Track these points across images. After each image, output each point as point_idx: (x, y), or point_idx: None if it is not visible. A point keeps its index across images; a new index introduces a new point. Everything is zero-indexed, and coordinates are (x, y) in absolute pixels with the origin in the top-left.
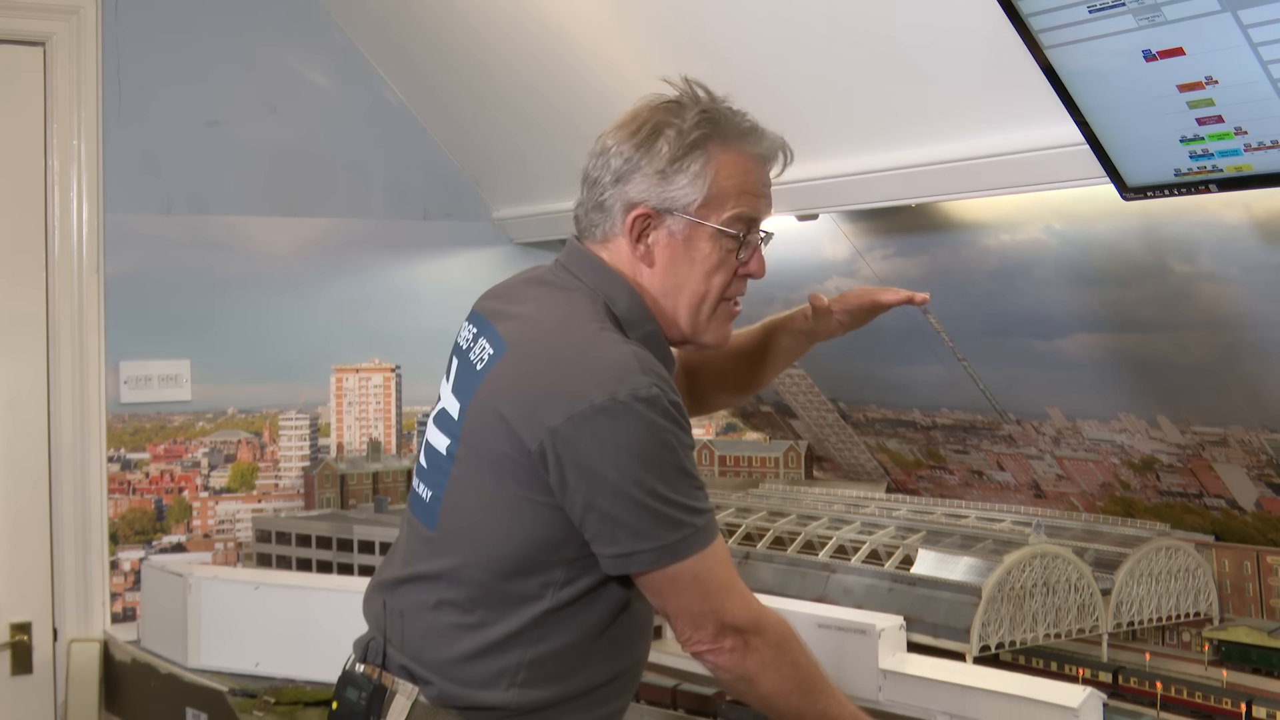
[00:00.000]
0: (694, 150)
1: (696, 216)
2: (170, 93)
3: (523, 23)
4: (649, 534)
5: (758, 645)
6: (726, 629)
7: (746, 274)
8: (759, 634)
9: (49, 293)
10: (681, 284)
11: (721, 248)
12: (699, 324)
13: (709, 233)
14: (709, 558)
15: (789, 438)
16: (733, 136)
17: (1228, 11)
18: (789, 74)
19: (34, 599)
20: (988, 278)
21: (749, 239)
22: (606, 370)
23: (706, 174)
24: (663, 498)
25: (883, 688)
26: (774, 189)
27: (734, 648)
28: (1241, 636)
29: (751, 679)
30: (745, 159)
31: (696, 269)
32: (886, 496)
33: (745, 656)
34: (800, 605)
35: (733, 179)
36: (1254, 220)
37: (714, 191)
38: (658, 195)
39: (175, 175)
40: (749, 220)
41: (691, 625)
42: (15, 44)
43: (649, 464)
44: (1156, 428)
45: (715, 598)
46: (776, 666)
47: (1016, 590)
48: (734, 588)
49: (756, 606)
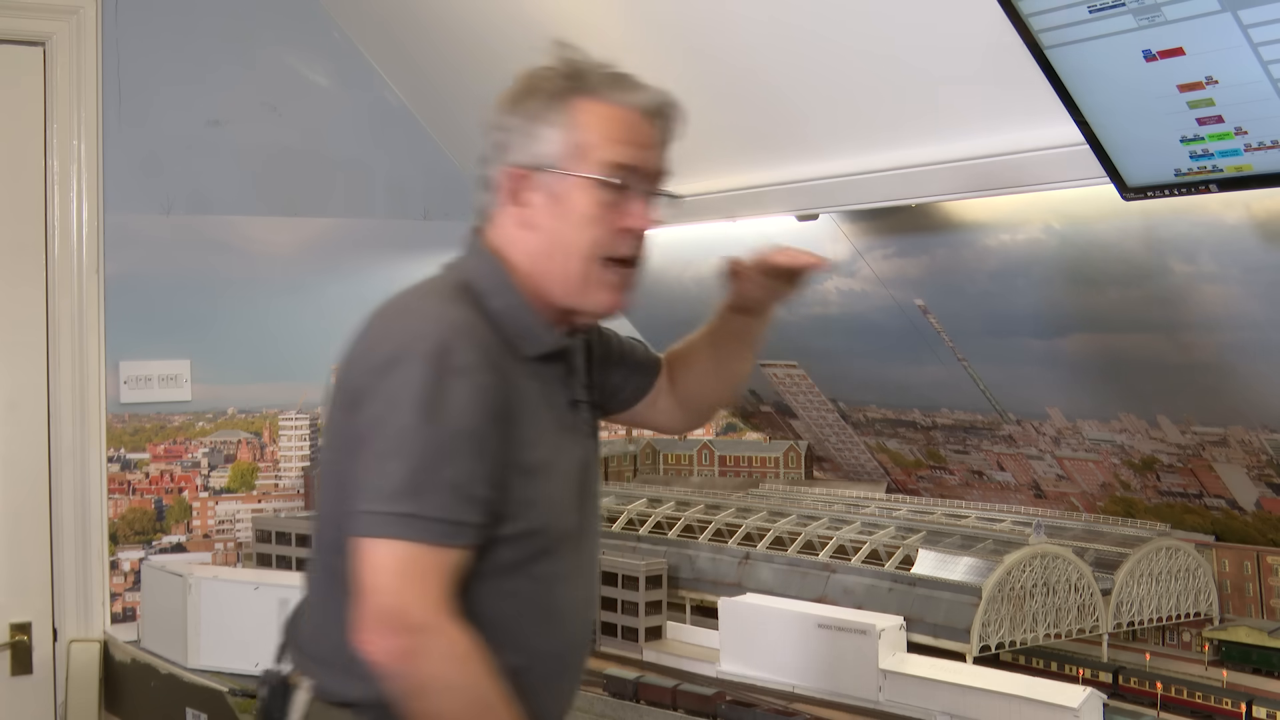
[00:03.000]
0: (556, 102)
1: (565, 169)
2: (170, 93)
3: (522, 22)
4: (390, 493)
5: (430, 651)
6: (400, 624)
7: (627, 228)
8: (438, 638)
9: (49, 293)
10: (557, 242)
11: (594, 199)
12: (579, 286)
13: (578, 184)
14: (419, 550)
15: (789, 438)
16: (601, 87)
17: (1228, 11)
18: (789, 74)
19: (34, 599)
20: (988, 278)
21: (627, 190)
22: (406, 327)
23: (571, 124)
24: (415, 462)
25: (883, 688)
26: (774, 189)
27: (404, 648)
28: (1241, 636)
29: (415, 691)
30: (614, 108)
31: (570, 224)
32: (886, 496)
33: (413, 660)
34: (800, 605)
35: (599, 127)
36: (1254, 220)
37: (580, 140)
38: (528, 153)
39: (175, 175)
40: (620, 168)
41: (369, 613)
42: (15, 44)
43: (423, 422)
44: (1156, 428)
45: (401, 591)
46: (447, 682)
47: (1016, 590)
48: (430, 585)
49: (448, 614)
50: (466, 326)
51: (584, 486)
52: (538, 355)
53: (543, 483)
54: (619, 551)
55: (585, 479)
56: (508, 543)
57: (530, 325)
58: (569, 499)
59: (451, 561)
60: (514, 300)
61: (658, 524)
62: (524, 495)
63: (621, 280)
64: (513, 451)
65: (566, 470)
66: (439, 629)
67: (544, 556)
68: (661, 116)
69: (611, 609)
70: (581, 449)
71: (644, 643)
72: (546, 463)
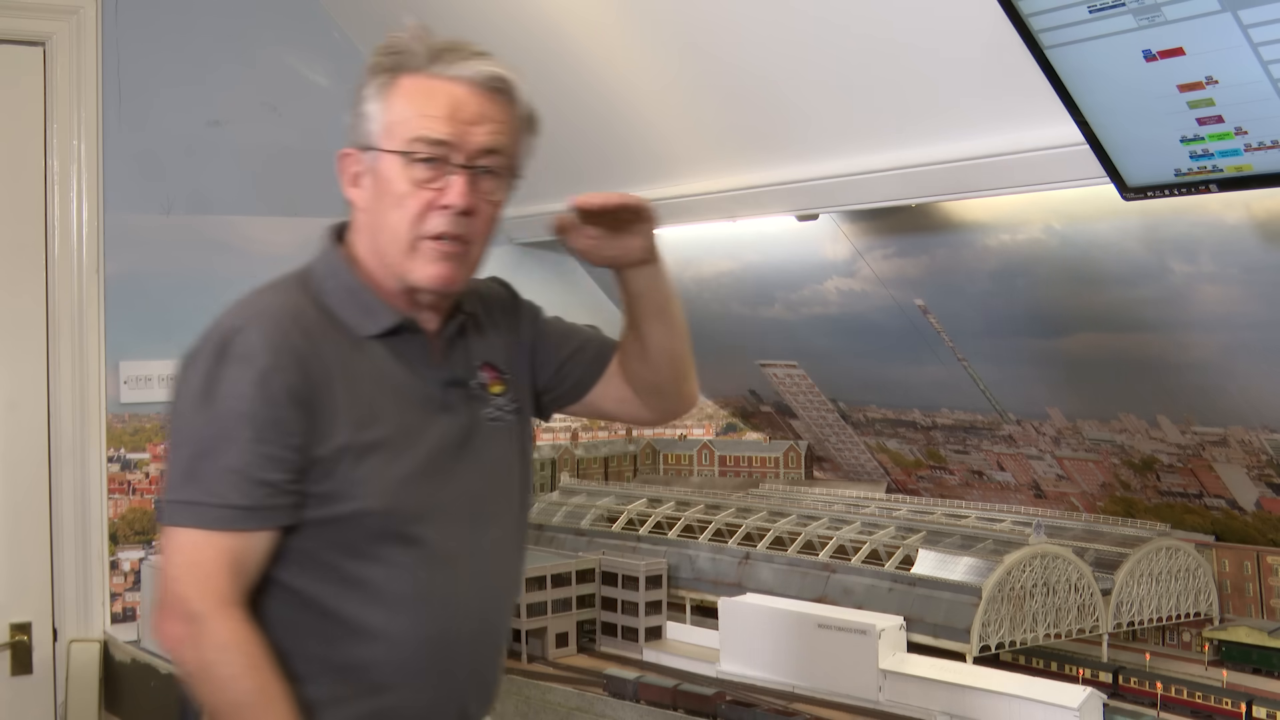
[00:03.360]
0: (373, 80)
1: (382, 145)
2: (170, 93)
3: (523, 22)
4: (172, 484)
5: (202, 640)
6: (181, 611)
7: (444, 205)
8: (210, 627)
9: (49, 293)
10: (380, 220)
11: (408, 176)
12: (401, 261)
13: (392, 160)
14: (201, 536)
15: (789, 438)
16: (421, 62)
17: (1228, 11)
18: (789, 74)
19: (34, 599)
20: (988, 278)
21: (441, 165)
22: (218, 322)
23: (385, 100)
24: (192, 449)
25: (883, 688)
26: (774, 189)
27: (181, 635)
28: (1241, 636)
29: (192, 677)
30: (432, 81)
31: (387, 201)
32: (886, 496)
33: (188, 648)
34: (800, 605)
35: (415, 101)
36: (1254, 220)
37: (393, 117)
38: (355, 134)
39: (175, 175)
40: (430, 141)
41: (160, 599)
42: (15, 44)
43: (198, 410)
44: (1156, 428)
45: (182, 579)
46: (214, 672)
47: (1016, 590)
48: (213, 573)
49: (225, 602)
50: (273, 313)
51: (458, 465)
52: (378, 334)
53: (383, 462)
54: (619, 551)
55: (462, 457)
56: (342, 524)
57: (367, 305)
58: (427, 478)
59: (240, 546)
60: (349, 282)
61: (658, 524)
62: (357, 475)
63: (444, 254)
64: (333, 433)
65: (427, 449)
66: (213, 617)
67: (395, 539)
68: (496, 91)
69: (611, 609)
70: (455, 427)
71: (644, 643)
72: (387, 440)
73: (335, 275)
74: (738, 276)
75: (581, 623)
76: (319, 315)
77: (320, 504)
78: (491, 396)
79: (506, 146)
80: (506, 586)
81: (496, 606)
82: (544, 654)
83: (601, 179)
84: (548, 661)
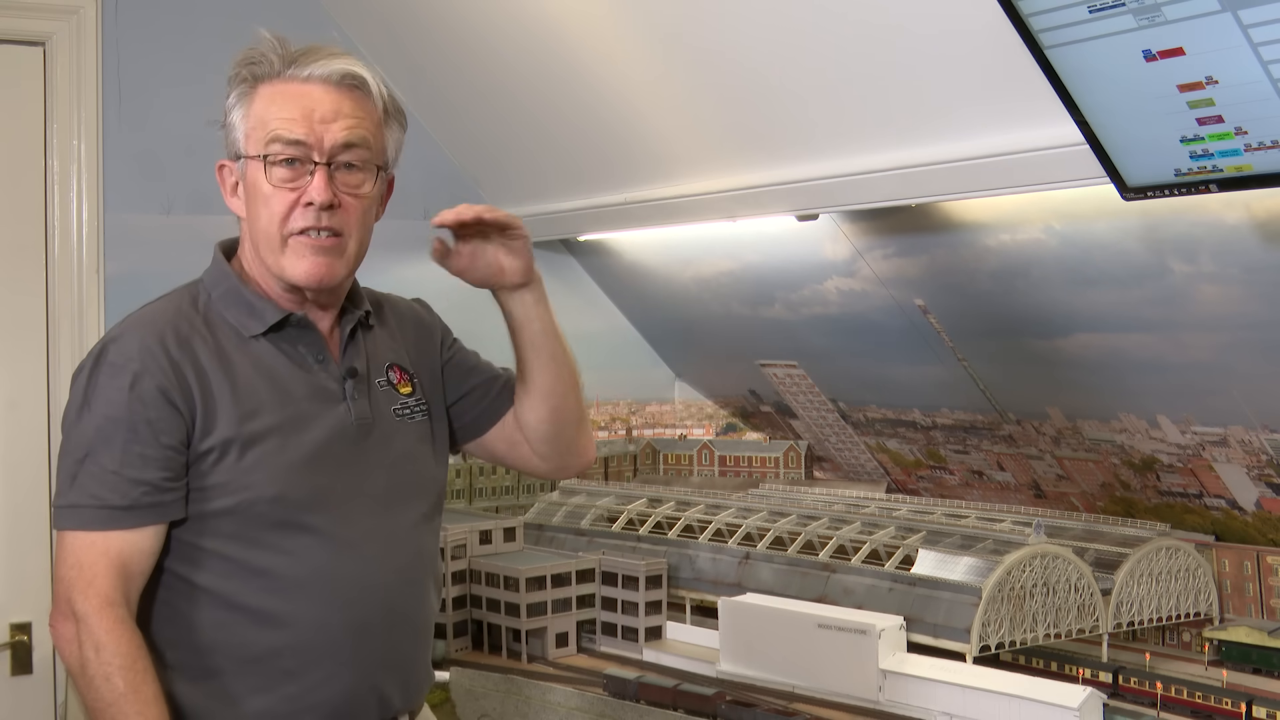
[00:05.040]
0: (233, 91)
1: (246, 152)
2: (170, 93)
3: (523, 22)
4: (59, 490)
5: (82, 639)
6: (67, 611)
7: (307, 203)
8: (88, 626)
9: (49, 293)
10: (255, 224)
11: (270, 177)
12: (276, 260)
13: (255, 165)
14: (83, 537)
15: (789, 438)
16: (277, 69)
17: (1228, 11)
18: (789, 74)
19: (34, 599)
20: (988, 278)
21: (298, 164)
22: (108, 335)
23: (244, 109)
24: (73, 455)
25: (883, 688)
26: (774, 189)
27: (65, 635)
28: (1241, 636)
29: (73, 675)
30: (286, 84)
31: (258, 204)
32: (886, 496)
33: (69, 646)
34: (800, 605)
35: (271, 106)
36: (1254, 220)
37: (253, 124)
38: (227, 146)
39: (175, 175)
40: (285, 141)
41: (54, 599)
42: (15, 44)
43: (79, 418)
44: (1156, 428)
45: (68, 579)
46: (89, 671)
47: (1016, 590)
48: (97, 572)
49: (107, 603)
50: (150, 321)
51: (358, 454)
52: (263, 332)
53: (271, 451)
54: (619, 551)
55: (365, 447)
56: (237, 514)
57: (251, 305)
58: (319, 465)
59: (122, 545)
60: (233, 286)
61: (658, 524)
62: (244, 464)
63: (315, 248)
64: (216, 427)
65: (317, 438)
66: (93, 617)
67: (291, 527)
68: (351, 88)
69: (611, 609)
70: (353, 417)
71: (644, 643)
72: (272, 430)
73: (222, 281)
74: (738, 276)
75: (581, 623)
76: (201, 319)
77: (214, 496)
78: (400, 395)
79: (366, 140)
80: (419, 574)
81: (409, 593)
82: (544, 654)
83: (602, 179)
84: (548, 661)
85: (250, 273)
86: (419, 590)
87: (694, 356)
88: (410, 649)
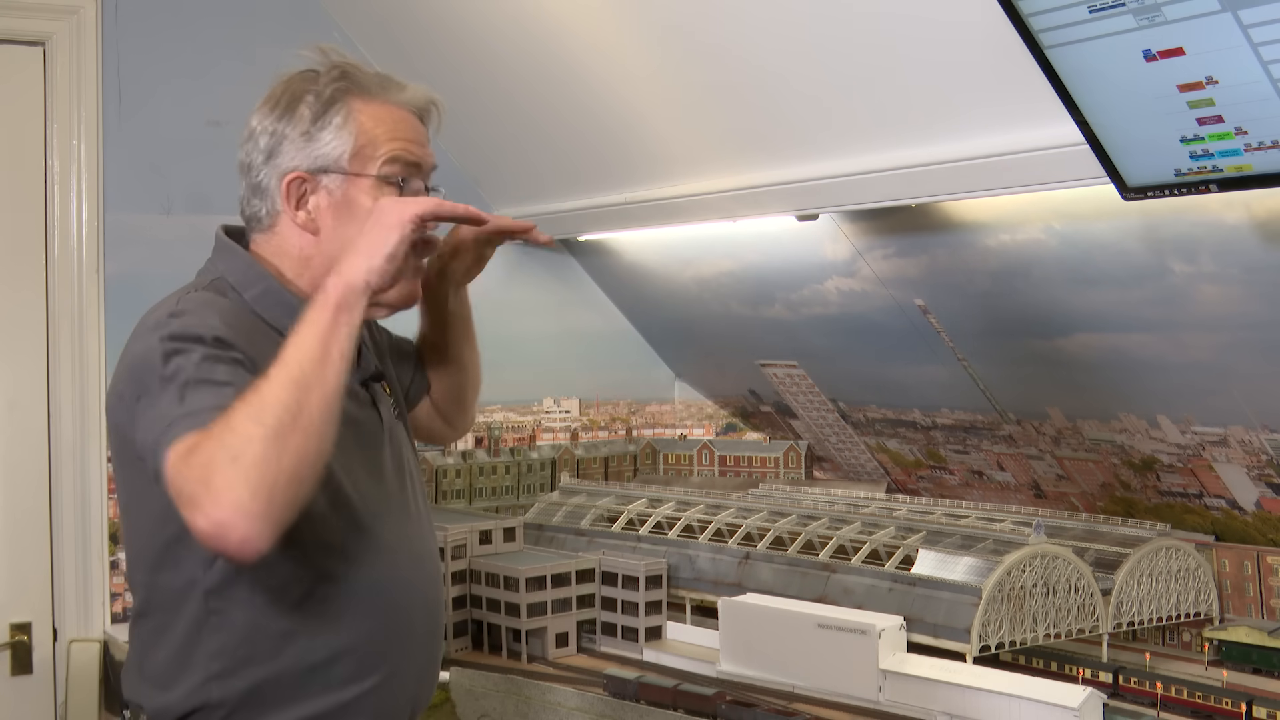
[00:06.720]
0: (333, 105)
1: (350, 169)
2: (170, 93)
3: (523, 22)
4: (170, 421)
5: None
6: None
7: None
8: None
9: (49, 293)
10: (341, 241)
11: (378, 197)
12: None
13: (365, 184)
14: None
15: (789, 438)
16: (372, 88)
17: (1228, 11)
18: (790, 74)
19: (34, 599)
20: (988, 278)
21: (410, 186)
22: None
23: (350, 125)
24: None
25: (883, 688)
26: (774, 189)
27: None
28: (1241, 636)
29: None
30: (390, 107)
31: (357, 224)
32: (887, 496)
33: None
34: (800, 605)
35: (380, 126)
36: (1254, 220)
37: (362, 142)
38: (308, 158)
39: (175, 175)
40: (405, 164)
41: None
42: (15, 44)
43: (143, 374)
44: (1156, 428)
45: None
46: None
47: (1016, 590)
48: None
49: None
50: (207, 304)
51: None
52: None
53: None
54: (619, 551)
55: (387, 451)
56: (315, 521)
57: (293, 309)
58: (368, 470)
59: None
60: (270, 286)
61: (658, 524)
62: None
63: (414, 273)
64: None
65: (361, 443)
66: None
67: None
68: (428, 113)
69: (611, 609)
70: (376, 420)
71: (644, 643)
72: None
73: (257, 281)
74: (738, 276)
75: (581, 623)
76: (248, 315)
77: None
78: (388, 394)
79: (435, 163)
80: (439, 574)
81: (437, 595)
82: (544, 654)
83: (601, 179)
84: (548, 661)
85: (288, 275)
86: (441, 591)
87: (694, 356)
88: (439, 648)
